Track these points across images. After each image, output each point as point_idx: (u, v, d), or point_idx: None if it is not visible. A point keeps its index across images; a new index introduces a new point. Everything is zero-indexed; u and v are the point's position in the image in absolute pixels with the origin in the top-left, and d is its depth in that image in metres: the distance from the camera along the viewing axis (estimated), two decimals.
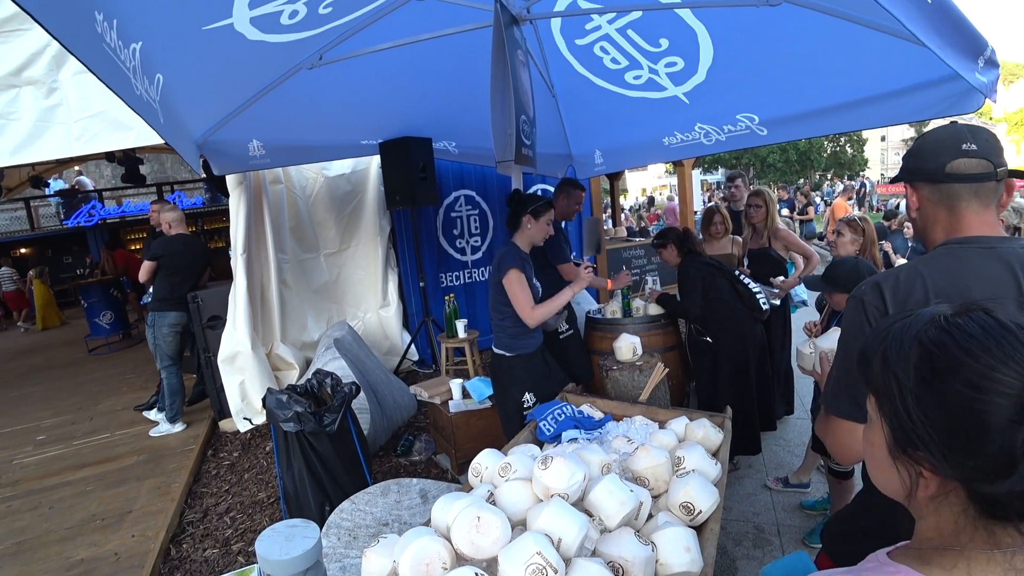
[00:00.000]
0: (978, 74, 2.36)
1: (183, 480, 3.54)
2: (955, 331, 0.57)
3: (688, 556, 1.28)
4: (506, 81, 2.53)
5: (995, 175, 1.06)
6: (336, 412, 2.61)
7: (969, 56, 2.30)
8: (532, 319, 2.60)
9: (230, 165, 3.56)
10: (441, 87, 3.78)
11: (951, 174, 1.08)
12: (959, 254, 1.08)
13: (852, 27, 2.48)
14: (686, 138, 3.96)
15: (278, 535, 1.37)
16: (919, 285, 1.07)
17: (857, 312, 1.12)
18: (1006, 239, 1.07)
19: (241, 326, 4.06)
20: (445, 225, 5.53)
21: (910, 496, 0.61)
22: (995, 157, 1.07)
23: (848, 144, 30.62)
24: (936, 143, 1.11)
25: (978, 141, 1.07)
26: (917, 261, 1.12)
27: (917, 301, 1.06)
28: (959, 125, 1.11)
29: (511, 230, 2.81)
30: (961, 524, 0.57)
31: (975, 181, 1.07)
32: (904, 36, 2.39)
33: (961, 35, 2.20)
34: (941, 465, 0.55)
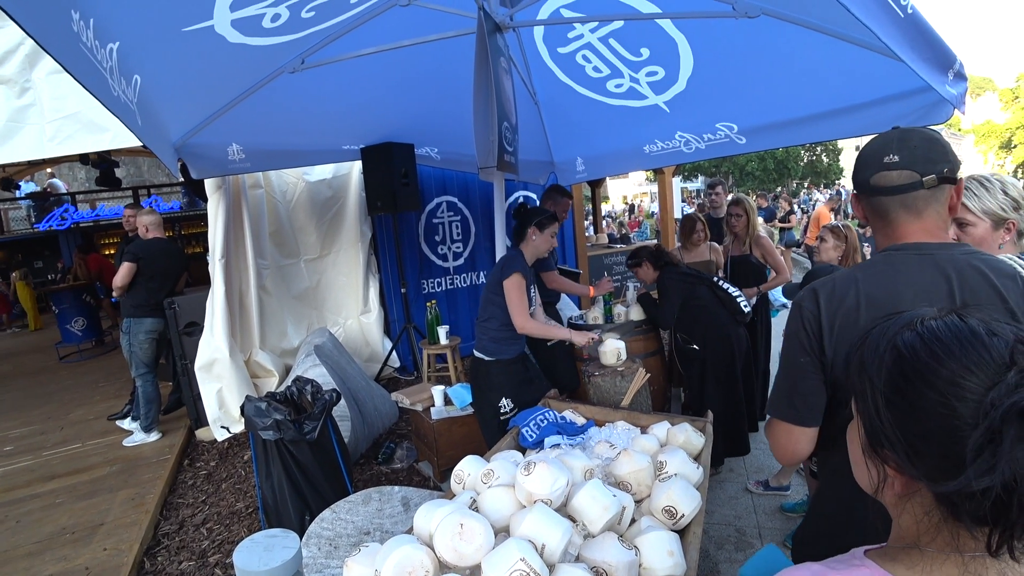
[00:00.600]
0: (948, 86, 2.43)
1: (158, 491, 3.46)
2: (927, 335, 0.59)
3: (671, 560, 1.29)
4: (489, 88, 2.54)
5: (920, 184, 1.05)
6: (316, 420, 2.58)
7: (939, 69, 2.37)
8: (522, 327, 2.62)
9: (209, 169, 3.51)
10: (424, 93, 3.78)
11: (875, 187, 1.10)
12: (895, 260, 1.09)
13: (828, 39, 2.55)
14: (666, 146, 4.01)
15: (257, 545, 1.34)
16: (852, 291, 1.08)
17: (795, 318, 1.16)
18: (946, 245, 1.07)
19: (219, 333, 4.00)
20: (427, 231, 5.51)
21: (877, 492, 0.64)
22: (921, 166, 1.05)
23: (824, 153, 31.27)
24: (865, 156, 1.12)
25: (903, 151, 1.06)
26: (855, 268, 1.14)
27: (849, 307, 1.08)
28: (890, 134, 1.10)
29: (516, 242, 2.83)
30: (924, 525, 0.58)
31: (898, 193, 1.07)
32: (878, 49, 2.46)
33: (932, 49, 2.27)
34: (905, 465, 0.57)
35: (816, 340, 1.11)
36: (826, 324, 1.09)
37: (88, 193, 12.99)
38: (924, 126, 2.88)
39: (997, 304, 1.00)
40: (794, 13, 2.46)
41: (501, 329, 2.69)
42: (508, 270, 2.63)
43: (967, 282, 1.02)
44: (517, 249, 2.79)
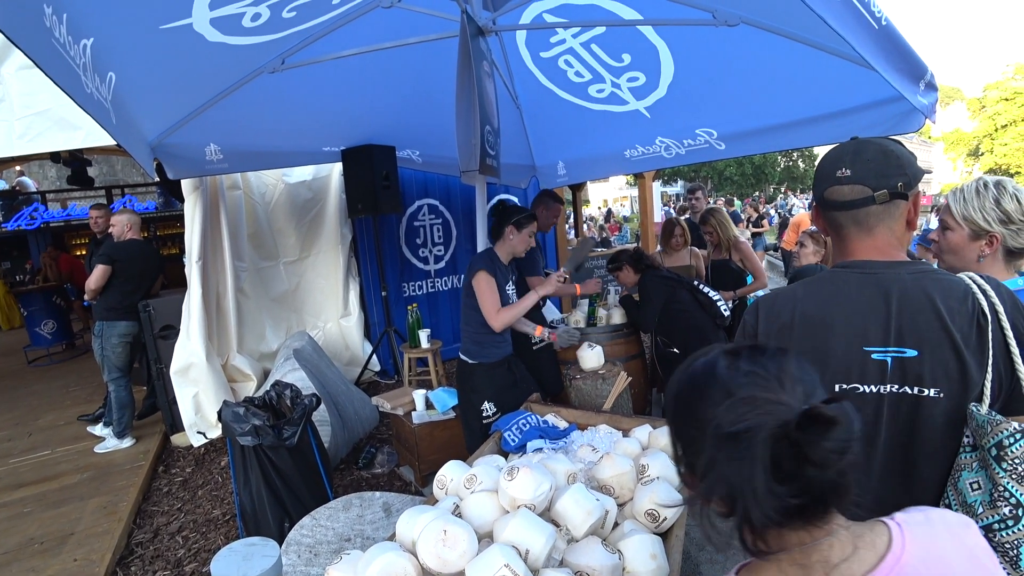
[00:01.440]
0: (919, 96, 2.50)
1: (131, 498, 3.37)
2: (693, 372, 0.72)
3: (654, 563, 1.29)
4: (471, 91, 2.53)
5: (872, 200, 1.02)
6: (296, 425, 2.54)
7: (911, 79, 2.44)
8: (497, 322, 2.60)
9: (186, 169, 3.45)
10: (405, 96, 3.76)
11: (827, 201, 1.08)
12: (839, 278, 1.07)
13: (806, 49, 2.60)
14: (647, 151, 4.05)
15: (235, 555, 1.32)
16: (788, 308, 1.09)
17: (740, 332, 1.18)
18: (893, 264, 1.03)
19: (195, 336, 3.92)
20: (408, 234, 5.48)
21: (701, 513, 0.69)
22: (874, 180, 1.01)
23: (800, 159, 31.89)
24: (820, 168, 1.10)
25: (856, 164, 1.03)
26: (800, 284, 1.13)
27: (783, 323, 1.09)
28: (846, 146, 1.07)
29: (493, 240, 2.82)
30: (750, 538, 0.65)
31: (848, 208, 1.04)
32: (854, 59, 2.51)
33: (904, 60, 2.33)
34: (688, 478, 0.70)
35: None
36: (762, 339, 1.10)
37: (59, 192, 12.64)
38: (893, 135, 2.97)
39: (937, 328, 0.97)
40: (773, 23, 2.50)
41: (481, 332, 2.69)
42: (473, 269, 2.63)
43: (908, 304, 0.99)
44: (488, 248, 2.79)
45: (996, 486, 0.89)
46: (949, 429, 1.00)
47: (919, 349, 0.99)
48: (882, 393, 1.02)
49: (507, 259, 2.79)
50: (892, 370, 1.01)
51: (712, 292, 3.39)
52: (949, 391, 0.98)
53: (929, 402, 0.99)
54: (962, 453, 0.98)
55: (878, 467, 1.05)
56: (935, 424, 1.00)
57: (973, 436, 0.96)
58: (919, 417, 1.01)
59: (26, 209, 11.00)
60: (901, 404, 1.01)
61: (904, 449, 1.03)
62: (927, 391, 0.99)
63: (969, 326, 0.97)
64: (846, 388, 1.03)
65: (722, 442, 0.62)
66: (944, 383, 0.98)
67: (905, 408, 1.01)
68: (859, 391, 1.03)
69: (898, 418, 1.02)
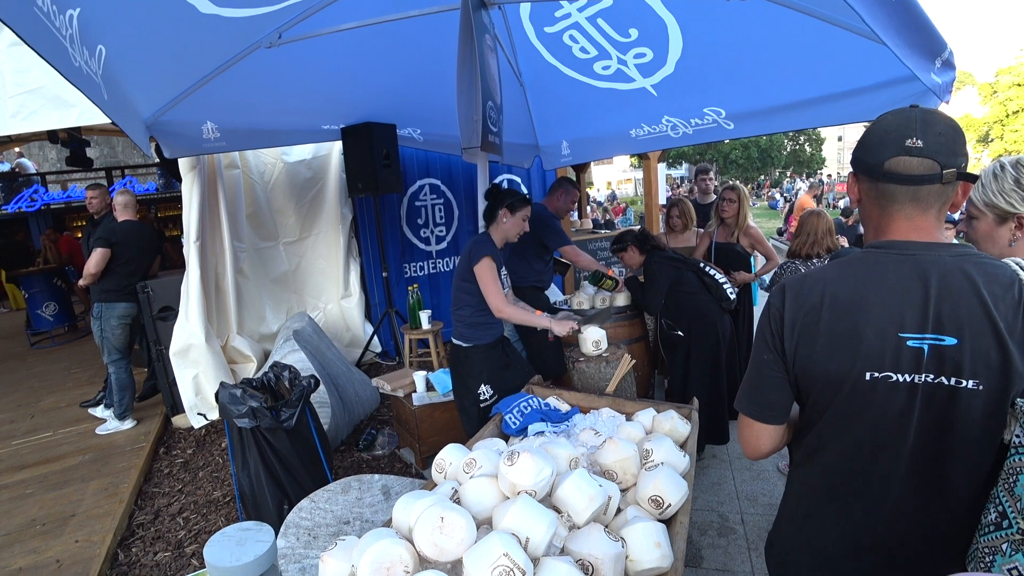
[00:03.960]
0: (934, 75, 2.41)
1: (132, 480, 3.36)
2: None
3: (658, 552, 1.26)
4: (473, 66, 2.45)
5: (940, 178, 0.94)
6: (294, 407, 2.51)
7: (927, 56, 2.35)
8: (500, 312, 2.56)
9: (182, 148, 3.39)
10: (406, 72, 3.67)
11: (888, 173, 0.97)
12: (874, 260, 1.00)
13: (817, 24, 2.51)
14: (653, 130, 3.96)
15: (228, 540, 1.28)
16: (818, 291, 1.02)
17: (764, 313, 1.11)
18: (933, 246, 0.97)
19: (194, 317, 3.89)
20: (409, 214, 5.41)
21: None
22: (944, 156, 0.93)
23: (807, 143, 31.54)
24: (882, 134, 0.98)
25: (927, 136, 0.93)
26: (831, 264, 1.06)
27: (812, 305, 1.01)
28: (913, 112, 0.97)
29: (487, 223, 2.75)
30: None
31: (913, 184, 0.96)
32: (866, 35, 2.42)
33: (921, 35, 2.24)
34: None
35: (778, 338, 1.06)
36: (788, 322, 1.04)
37: (59, 174, 12.57)
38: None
39: (979, 315, 0.90)
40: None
41: (475, 315, 2.64)
42: (477, 255, 2.55)
43: (949, 289, 0.92)
44: (484, 233, 2.71)
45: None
46: (987, 424, 0.93)
47: (959, 337, 0.91)
48: (916, 383, 0.94)
49: (500, 243, 2.72)
50: (928, 358, 0.93)
51: (718, 274, 3.33)
52: (989, 383, 0.90)
53: (967, 394, 0.92)
54: (1015, 455, 0.90)
55: (904, 466, 0.98)
56: (972, 418, 0.92)
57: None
58: (955, 410, 0.93)
59: (26, 191, 10.96)
60: (936, 395, 0.94)
61: (936, 445, 0.96)
62: (965, 382, 0.92)
63: (1015, 314, 0.90)
64: (877, 376, 0.96)
65: None
66: (984, 374, 0.90)
67: (940, 400, 0.94)
68: (891, 380, 0.95)
69: (931, 411, 0.95)
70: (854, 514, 1.05)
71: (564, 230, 3.78)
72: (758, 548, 2.58)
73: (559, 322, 2.67)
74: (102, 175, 11.95)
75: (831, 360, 1.00)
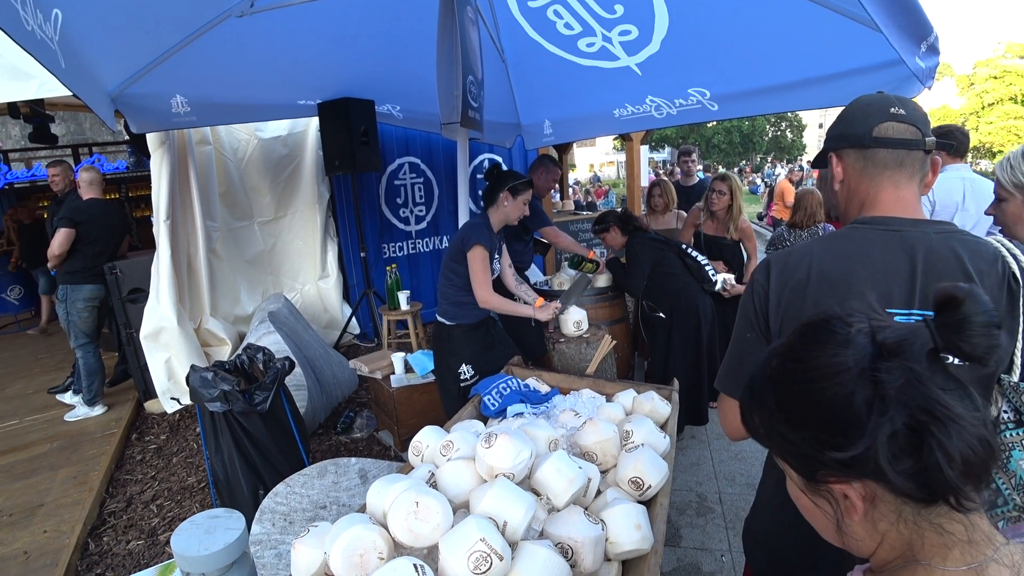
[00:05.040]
0: (919, 59, 2.39)
1: (103, 467, 3.27)
2: (787, 351, 0.62)
3: (639, 534, 1.24)
4: (453, 38, 2.38)
5: (923, 144, 0.98)
6: (268, 389, 2.45)
7: (913, 39, 2.33)
8: (485, 301, 2.53)
9: (150, 122, 3.26)
10: (385, 46, 3.56)
11: (878, 138, 1.00)
12: (860, 235, 1.00)
13: (806, 3, 2.47)
14: (637, 111, 3.91)
15: (197, 528, 1.23)
16: (804, 266, 1.01)
17: (747, 290, 1.10)
18: (919, 222, 0.98)
19: (165, 299, 3.76)
20: (388, 193, 5.31)
21: (840, 528, 0.60)
22: (923, 125, 0.99)
23: (788, 129, 31.76)
24: (865, 106, 1.03)
25: (907, 108, 0.99)
26: (817, 240, 1.06)
27: (798, 280, 1.01)
28: (885, 94, 1.03)
29: (486, 205, 2.68)
30: (906, 533, 0.55)
31: (902, 148, 0.99)
32: (854, 16, 2.39)
33: (909, 16, 2.22)
34: (835, 467, 0.55)
35: (762, 315, 1.05)
36: (773, 298, 1.03)
37: (23, 151, 12.09)
38: None
39: None
40: None
41: (461, 294, 2.59)
42: (470, 241, 2.49)
43: (935, 265, 0.93)
44: (482, 215, 2.66)
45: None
46: None
47: None
48: None
49: (499, 226, 2.67)
50: None
51: (701, 256, 3.32)
52: None
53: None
54: (1005, 430, 0.90)
55: None
56: None
57: (1015, 411, 0.88)
58: None
59: None
60: None
61: None
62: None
63: (999, 290, 0.91)
64: None
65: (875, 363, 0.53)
66: None
67: None
68: None
69: None
70: None
71: (545, 210, 3.72)
72: (735, 527, 2.60)
73: (541, 309, 2.66)
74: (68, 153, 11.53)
75: None
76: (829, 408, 0.55)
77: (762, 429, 0.64)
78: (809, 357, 0.58)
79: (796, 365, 0.59)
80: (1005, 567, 0.52)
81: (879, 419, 0.51)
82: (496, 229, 2.66)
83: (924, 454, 0.50)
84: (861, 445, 0.52)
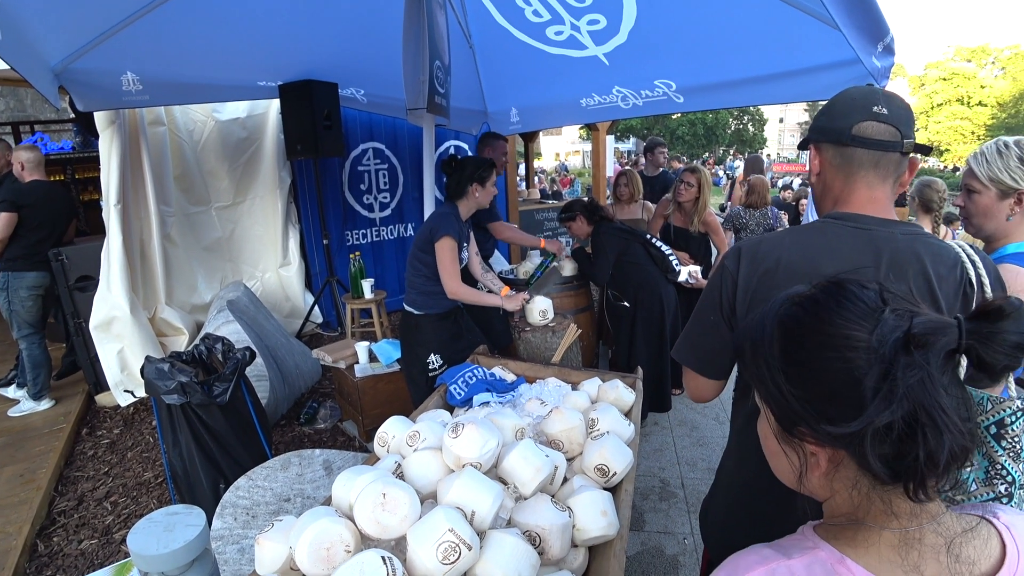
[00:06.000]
0: (875, 59, 2.47)
1: (52, 464, 3.13)
2: (806, 303, 0.61)
3: (605, 520, 1.26)
4: (421, 22, 2.33)
5: (900, 146, 0.99)
6: (227, 380, 2.38)
7: (870, 39, 2.40)
8: (453, 293, 2.51)
9: (98, 100, 3.10)
10: (350, 27, 3.46)
11: (856, 137, 1.00)
12: (830, 230, 1.02)
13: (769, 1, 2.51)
14: (604, 100, 3.93)
15: (156, 525, 1.19)
16: (773, 256, 1.03)
17: (716, 273, 1.12)
18: (888, 222, 1.00)
19: (117, 287, 3.60)
20: (352, 179, 5.20)
21: (802, 479, 0.62)
22: (905, 127, 0.99)
23: (751, 123, 32.45)
24: (849, 101, 1.03)
25: (891, 107, 0.99)
26: (788, 231, 1.08)
27: (767, 268, 1.03)
28: (874, 87, 1.03)
29: (452, 198, 2.63)
30: (856, 498, 0.58)
31: (878, 149, 1.00)
32: (817, 15, 2.44)
33: (867, 17, 2.28)
34: (822, 434, 0.57)
35: (729, 300, 1.07)
36: (742, 284, 1.05)
37: None
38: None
39: (924, 292, 0.94)
40: None
41: (430, 283, 2.57)
42: (439, 232, 2.46)
43: (898, 265, 0.95)
44: (451, 205, 2.62)
45: (993, 464, 0.86)
46: None
47: None
48: None
49: (468, 215, 2.65)
50: None
51: (665, 247, 3.37)
52: None
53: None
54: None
55: None
56: None
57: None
58: None
59: None
60: None
61: None
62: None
63: (955, 295, 0.94)
64: None
65: (896, 352, 0.52)
66: None
67: None
68: None
69: None
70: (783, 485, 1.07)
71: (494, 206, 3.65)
72: (697, 510, 2.67)
73: (509, 299, 2.66)
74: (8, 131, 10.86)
75: None
76: (834, 380, 0.55)
77: (753, 368, 0.64)
78: (830, 319, 0.57)
79: (813, 322, 0.58)
80: (941, 536, 0.55)
81: (881, 409, 0.51)
82: (465, 218, 2.63)
83: (906, 447, 0.51)
84: (854, 426, 0.53)
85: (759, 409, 0.68)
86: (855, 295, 0.58)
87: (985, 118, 31.01)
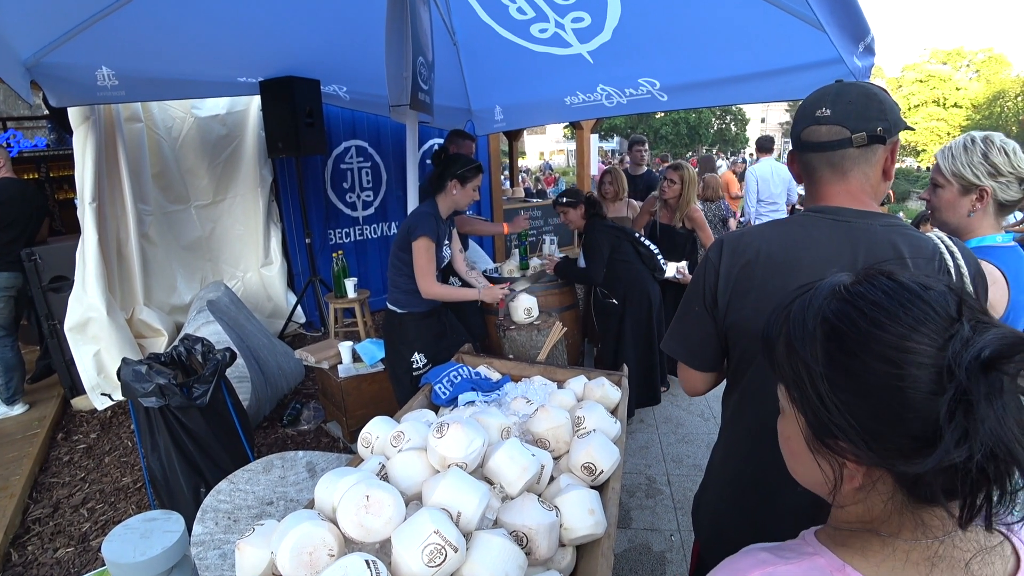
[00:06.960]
0: (856, 58, 2.50)
1: (25, 470, 3.04)
2: (858, 301, 0.52)
3: (592, 519, 1.25)
4: (404, 17, 2.31)
5: (850, 142, 0.98)
6: (207, 382, 2.33)
7: (852, 39, 2.42)
8: (428, 292, 2.48)
9: (72, 96, 3.03)
10: (332, 23, 3.42)
11: (805, 143, 1.04)
12: (809, 222, 1.03)
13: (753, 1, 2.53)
14: (588, 99, 3.93)
15: (132, 532, 1.15)
16: (753, 247, 1.05)
17: (700, 266, 1.14)
18: (866, 214, 1.00)
19: (92, 288, 3.52)
20: (334, 177, 5.14)
21: (835, 491, 0.55)
22: (853, 122, 0.98)
23: (733, 123, 32.76)
24: (802, 109, 1.05)
25: (837, 105, 0.99)
26: (769, 224, 1.09)
27: (748, 260, 1.04)
28: (829, 87, 1.03)
29: (433, 191, 2.59)
30: (888, 511, 0.52)
31: (825, 150, 1.01)
32: (799, 14, 2.47)
33: (849, 17, 2.30)
34: (865, 453, 0.50)
35: (711, 291, 1.09)
36: (723, 275, 1.07)
37: None
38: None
39: None
40: None
41: (411, 282, 2.54)
42: (416, 232, 2.42)
43: (876, 257, 0.96)
44: (430, 203, 2.58)
45: None
46: None
47: None
48: None
49: (447, 213, 2.61)
50: None
51: (652, 245, 3.39)
52: None
53: None
54: None
55: None
56: None
57: None
58: None
59: None
60: None
61: None
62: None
63: None
64: None
65: (974, 376, 0.44)
66: None
67: None
68: None
69: None
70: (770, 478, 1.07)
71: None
72: (684, 507, 2.69)
73: (486, 291, 2.65)
74: None
75: (759, 316, 1.01)
76: (891, 398, 0.48)
77: (788, 369, 0.57)
78: (890, 325, 0.49)
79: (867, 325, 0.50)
80: (960, 551, 0.51)
81: (959, 445, 0.44)
82: (444, 216, 2.60)
83: (967, 483, 0.45)
84: (928, 464, 0.45)
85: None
86: (919, 296, 0.50)
87: (960, 119, 31.72)
